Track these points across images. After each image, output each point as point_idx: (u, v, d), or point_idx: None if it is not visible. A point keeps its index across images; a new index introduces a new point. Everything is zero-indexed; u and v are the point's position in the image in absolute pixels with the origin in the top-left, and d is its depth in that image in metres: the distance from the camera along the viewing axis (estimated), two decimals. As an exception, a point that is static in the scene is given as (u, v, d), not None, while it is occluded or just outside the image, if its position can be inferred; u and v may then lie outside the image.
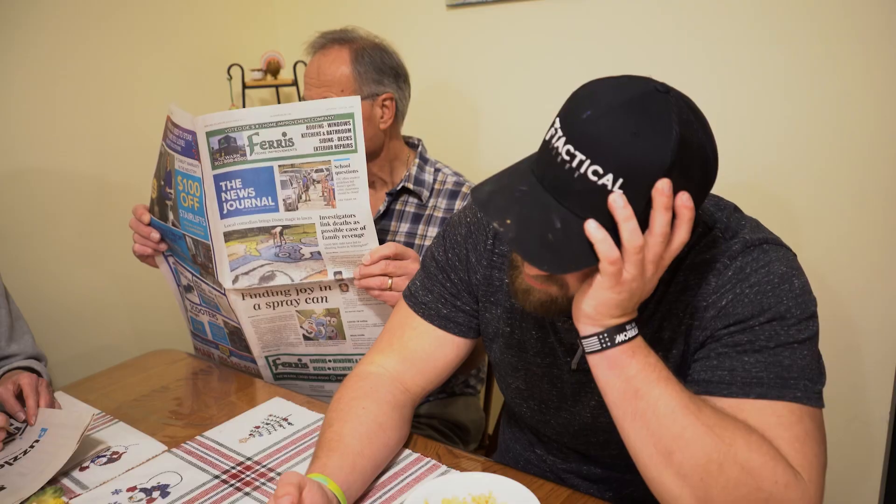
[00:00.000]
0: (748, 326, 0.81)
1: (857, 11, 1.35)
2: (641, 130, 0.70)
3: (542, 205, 0.75)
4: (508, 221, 0.75)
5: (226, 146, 1.18)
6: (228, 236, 1.23)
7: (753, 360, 0.80)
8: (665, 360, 0.89)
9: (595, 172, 0.71)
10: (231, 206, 1.21)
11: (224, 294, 1.27)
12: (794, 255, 0.87)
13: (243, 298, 1.28)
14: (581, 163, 0.71)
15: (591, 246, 0.73)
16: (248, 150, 1.19)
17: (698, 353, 0.85)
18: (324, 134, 1.17)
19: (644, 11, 1.60)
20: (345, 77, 1.37)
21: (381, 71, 1.40)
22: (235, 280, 1.25)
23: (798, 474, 0.74)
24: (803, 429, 0.76)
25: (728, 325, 0.82)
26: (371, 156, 1.42)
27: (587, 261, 0.73)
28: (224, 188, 1.20)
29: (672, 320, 0.88)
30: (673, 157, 0.70)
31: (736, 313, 0.82)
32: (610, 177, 0.70)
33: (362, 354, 1.33)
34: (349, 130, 1.17)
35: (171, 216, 1.29)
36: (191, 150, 1.20)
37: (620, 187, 0.71)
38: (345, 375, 1.15)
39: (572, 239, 0.73)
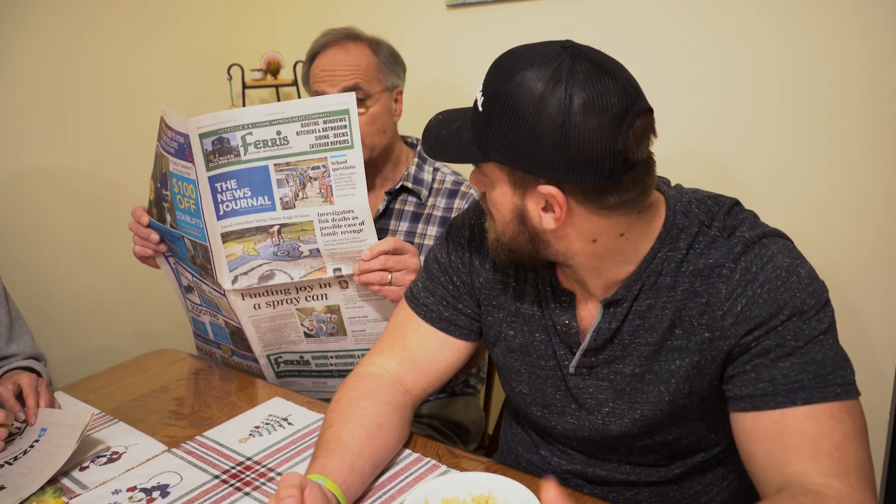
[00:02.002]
0: (771, 328, 0.81)
1: (858, 11, 1.35)
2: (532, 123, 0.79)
3: (461, 115, 0.90)
4: (440, 117, 0.94)
5: (219, 147, 1.18)
6: (226, 237, 1.23)
7: (789, 364, 0.80)
8: (668, 367, 0.89)
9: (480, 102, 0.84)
10: (227, 206, 1.21)
11: (224, 295, 1.27)
12: (793, 244, 0.88)
13: (243, 298, 1.27)
14: (478, 95, 0.85)
15: (463, 152, 0.86)
16: (241, 150, 1.18)
17: (731, 367, 0.86)
18: (319, 131, 1.17)
19: (644, 11, 1.59)
20: (372, 68, 1.39)
21: (397, 63, 1.43)
22: (234, 280, 1.25)
23: (840, 490, 0.75)
24: (842, 431, 0.78)
25: (750, 331, 0.83)
26: (386, 151, 1.43)
27: (454, 158, 0.87)
28: (219, 189, 1.20)
29: (684, 327, 0.88)
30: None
31: (754, 316, 0.82)
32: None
33: (364, 350, 1.33)
34: (345, 127, 1.16)
35: (168, 218, 1.29)
36: (184, 153, 1.20)
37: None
38: (347, 371, 1.15)
39: (457, 142, 0.87)
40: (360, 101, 1.35)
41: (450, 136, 0.90)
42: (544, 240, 0.87)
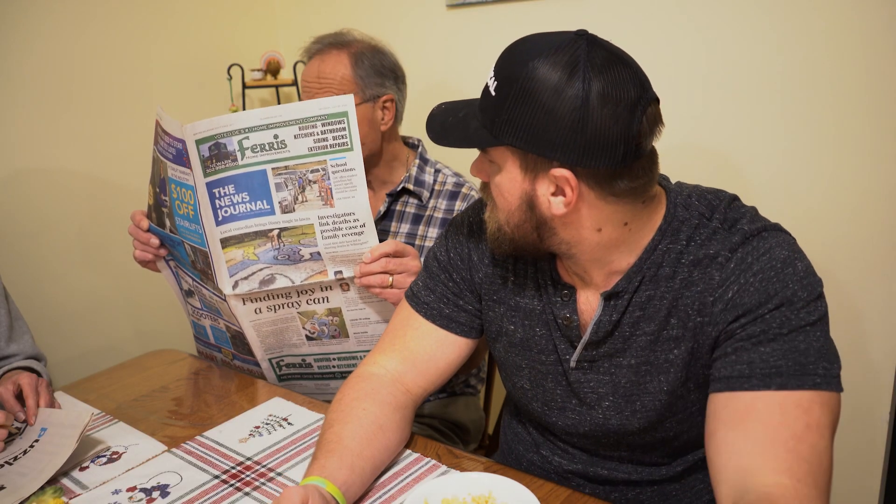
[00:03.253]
0: (758, 315, 0.82)
1: (859, 11, 1.35)
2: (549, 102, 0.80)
3: (466, 104, 0.92)
4: (443, 106, 0.95)
5: (216, 152, 1.17)
6: (225, 242, 1.23)
7: (770, 349, 0.80)
8: (666, 356, 0.90)
9: (492, 87, 0.85)
10: (226, 212, 1.21)
11: (224, 299, 1.27)
12: (794, 239, 0.88)
13: (244, 303, 1.27)
14: (489, 81, 0.86)
15: (473, 136, 0.87)
16: (239, 154, 1.18)
17: (716, 351, 0.86)
18: (318, 134, 1.17)
19: (645, 10, 1.60)
20: (346, 80, 1.37)
21: (380, 73, 1.40)
22: (235, 285, 1.25)
23: (786, 487, 0.74)
24: (805, 422, 0.77)
25: (738, 317, 0.83)
26: (373, 158, 1.42)
27: (463, 143, 0.88)
28: (217, 195, 1.20)
29: (680, 316, 0.88)
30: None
31: (743, 303, 0.83)
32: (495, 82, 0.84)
33: (366, 351, 1.33)
34: (344, 129, 1.16)
35: (168, 223, 1.28)
36: (182, 159, 1.19)
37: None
38: (350, 372, 1.15)
39: (465, 128, 0.89)
40: None
41: (457, 122, 0.91)
42: (551, 227, 0.88)
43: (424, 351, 1.06)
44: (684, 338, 0.89)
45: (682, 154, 1.60)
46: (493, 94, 0.84)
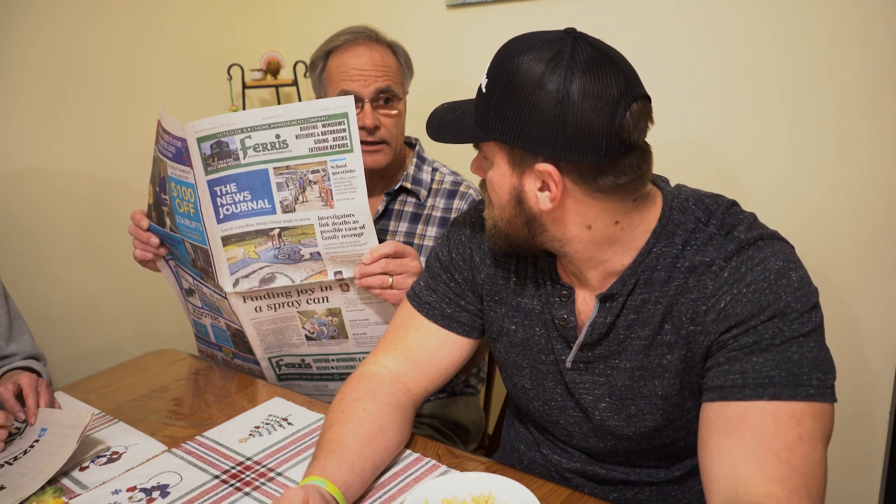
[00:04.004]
0: (750, 327, 0.81)
1: (859, 11, 1.36)
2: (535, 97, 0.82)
3: (465, 104, 0.94)
4: (444, 105, 0.98)
5: (218, 151, 1.17)
6: (226, 240, 1.23)
7: (762, 359, 0.80)
8: (660, 361, 0.90)
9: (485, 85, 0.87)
10: (227, 210, 1.21)
11: (225, 297, 1.27)
12: (792, 248, 0.87)
13: (244, 301, 1.27)
14: (482, 79, 0.88)
15: (466, 132, 0.89)
16: (241, 153, 1.18)
17: (709, 361, 0.86)
18: (318, 135, 1.17)
19: (646, 11, 1.60)
20: (398, 70, 1.40)
21: (411, 68, 1.45)
22: (236, 283, 1.25)
23: (778, 497, 0.74)
24: (798, 433, 0.77)
25: (730, 328, 0.83)
26: (397, 156, 1.43)
27: (457, 139, 0.90)
28: (219, 193, 1.20)
29: (674, 322, 0.88)
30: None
31: (735, 314, 0.82)
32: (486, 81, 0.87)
33: (365, 353, 1.33)
34: (344, 130, 1.16)
35: (168, 222, 1.28)
36: (181, 157, 1.19)
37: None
38: (348, 374, 1.15)
39: (460, 124, 0.91)
40: (390, 102, 1.37)
41: (454, 119, 0.93)
42: (540, 223, 0.88)
43: (426, 351, 1.06)
44: (677, 344, 0.89)
45: (681, 154, 1.60)
46: (484, 90, 0.86)
